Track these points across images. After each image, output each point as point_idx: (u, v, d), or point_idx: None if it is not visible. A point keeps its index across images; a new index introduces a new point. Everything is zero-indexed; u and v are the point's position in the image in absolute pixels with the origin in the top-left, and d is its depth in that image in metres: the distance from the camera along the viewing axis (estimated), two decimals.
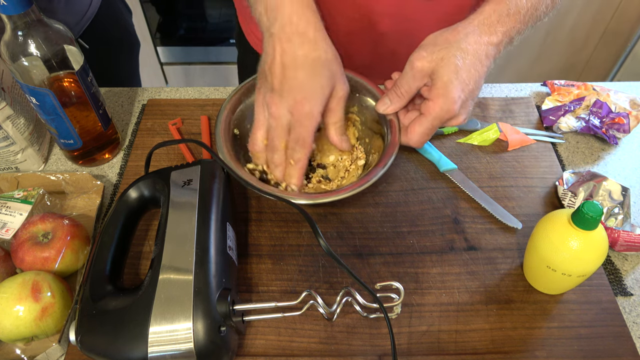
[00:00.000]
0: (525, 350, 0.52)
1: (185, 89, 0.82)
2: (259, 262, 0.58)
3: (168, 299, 0.45)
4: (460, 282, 0.57)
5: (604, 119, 0.72)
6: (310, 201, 0.54)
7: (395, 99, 0.56)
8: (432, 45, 0.53)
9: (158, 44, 1.80)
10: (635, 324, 0.55)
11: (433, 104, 0.53)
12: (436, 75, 0.52)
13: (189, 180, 0.55)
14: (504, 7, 0.53)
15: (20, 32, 0.55)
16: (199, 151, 0.70)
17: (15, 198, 0.60)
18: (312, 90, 0.52)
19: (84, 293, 0.48)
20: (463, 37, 0.52)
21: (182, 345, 0.44)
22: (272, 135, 0.55)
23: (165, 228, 0.51)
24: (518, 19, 0.54)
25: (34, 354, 0.50)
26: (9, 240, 0.56)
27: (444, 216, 0.63)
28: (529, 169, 0.68)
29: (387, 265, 0.58)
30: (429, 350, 0.51)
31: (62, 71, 0.59)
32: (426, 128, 0.54)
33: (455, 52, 0.52)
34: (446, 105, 0.52)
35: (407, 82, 0.54)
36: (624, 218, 0.60)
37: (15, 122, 0.64)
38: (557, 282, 0.52)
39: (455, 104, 0.52)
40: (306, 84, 0.51)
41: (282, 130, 0.54)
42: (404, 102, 0.56)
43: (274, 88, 0.52)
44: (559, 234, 0.49)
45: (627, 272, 0.59)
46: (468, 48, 0.52)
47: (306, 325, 0.53)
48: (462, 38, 0.52)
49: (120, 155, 0.72)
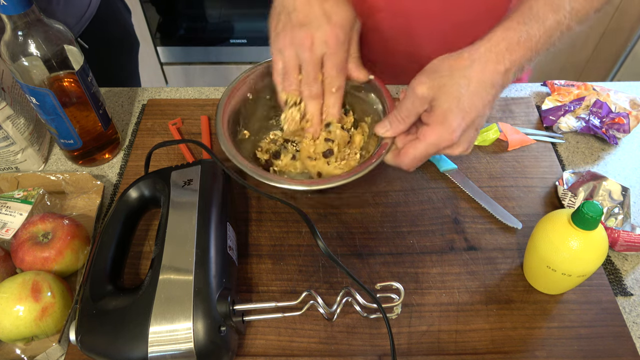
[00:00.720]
0: (525, 350, 0.52)
1: (185, 89, 0.82)
2: (259, 262, 0.59)
3: (168, 299, 0.45)
4: (460, 282, 0.57)
5: (604, 119, 0.72)
6: (311, 187, 0.55)
7: (395, 123, 0.55)
8: (434, 71, 0.51)
9: (158, 44, 1.80)
10: (635, 324, 0.55)
11: (430, 131, 0.51)
12: (436, 102, 0.51)
13: (189, 180, 0.55)
14: (514, 35, 0.50)
15: (20, 32, 0.55)
16: (199, 151, 0.70)
17: (15, 198, 0.60)
18: (341, 18, 0.54)
19: (84, 293, 0.48)
20: (468, 65, 0.50)
21: (182, 345, 0.44)
22: (307, 69, 0.56)
23: (165, 228, 0.51)
24: (529, 47, 0.51)
25: (34, 354, 0.50)
26: (9, 240, 0.56)
27: (444, 216, 0.63)
28: (529, 169, 0.68)
29: (387, 266, 0.58)
30: (429, 350, 0.51)
31: (62, 71, 0.59)
32: (420, 153, 0.53)
33: (457, 80, 0.50)
34: (444, 133, 0.51)
35: (407, 108, 0.53)
36: (624, 218, 0.60)
37: (15, 122, 0.64)
38: (557, 282, 0.52)
39: (453, 133, 0.51)
40: (334, 13, 0.54)
41: (318, 62, 0.55)
42: (403, 127, 0.55)
43: (301, 23, 0.54)
44: (559, 234, 0.49)
45: (627, 272, 0.59)
46: (472, 76, 0.50)
47: (306, 325, 0.53)
48: (466, 65, 0.50)
49: (120, 155, 0.72)
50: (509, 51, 0.50)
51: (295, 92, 0.58)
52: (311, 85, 0.57)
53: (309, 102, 0.58)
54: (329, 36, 0.54)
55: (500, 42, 0.50)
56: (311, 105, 0.58)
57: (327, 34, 0.54)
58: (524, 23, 0.51)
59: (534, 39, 0.51)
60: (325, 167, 0.60)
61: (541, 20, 0.51)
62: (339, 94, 0.58)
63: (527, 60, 0.51)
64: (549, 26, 0.51)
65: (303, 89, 0.58)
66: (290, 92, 0.58)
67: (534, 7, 0.51)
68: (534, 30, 0.51)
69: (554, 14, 0.51)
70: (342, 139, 0.61)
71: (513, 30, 0.51)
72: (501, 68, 0.50)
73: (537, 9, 0.51)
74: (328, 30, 0.54)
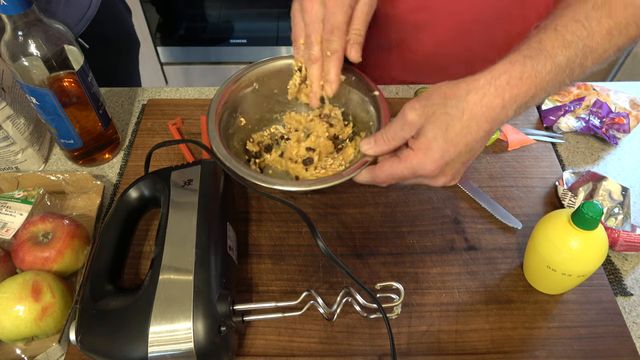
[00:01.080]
0: (525, 350, 0.52)
1: (185, 89, 0.82)
2: (259, 262, 0.59)
3: (168, 298, 0.45)
4: (460, 282, 0.57)
5: (604, 119, 0.72)
6: (312, 187, 0.54)
7: (380, 142, 0.53)
8: (428, 98, 0.49)
9: (158, 44, 1.80)
10: (635, 324, 0.55)
11: (413, 155, 0.49)
12: (423, 129, 0.49)
13: (189, 180, 0.55)
14: (517, 69, 0.47)
15: (21, 32, 0.55)
16: (199, 151, 0.70)
17: (16, 198, 0.60)
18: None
19: (84, 293, 0.48)
20: (463, 94, 0.47)
21: (182, 345, 0.44)
22: (308, 31, 0.56)
23: (165, 228, 0.51)
24: (533, 83, 0.47)
25: (34, 354, 0.50)
26: (9, 240, 0.56)
27: (444, 216, 0.63)
28: (529, 169, 0.68)
29: (387, 266, 0.58)
30: (429, 350, 0.51)
31: (62, 71, 0.59)
32: (395, 172, 0.51)
33: (449, 110, 0.47)
34: (424, 161, 0.48)
35: (395, 130, 0.51)
36: (624, 218, 0.60)
37: (15, 122, 0.64)
38: (557, 282, 0.52)
39: (434, 163, 0.48)
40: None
41: (318, 24, 0.55)
42: (387, 148, 0.53)
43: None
44: (559, 234, 0.49)
45: (627, 272, 0.59)
46: (466, 107, 0.47)
47: (306, 325, 0.53)
48: (461, 95, 0.47)
49: (120, 155, 0.72)
50: (510, 85, 0.47)
51: (300, 59, 0.59)
52: (310, 49, 0.56)
53: (308, 66, 0.58)
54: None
55: (502, 75, 0.47)
56: (310, 69, 0.58)
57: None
58: (531, 57, 0.47)
59: (540, 75, 0.47)
60: (303, 172, 0.61)
61: (550, 55, 0.47)
62: (335, 57, 0.56)
63: (530, 96, 0.48)
64: (559, 63, 0.47)
65: (303, 53, 0.58)
66: (297, 59, 0.59)
67: (543, 40, 0.48)
68: (540, 66, 0.47)
69: (565, 49, 0.47)
70: (325, 149, 0.61)
71: (517, 64, 0.47)
72: (498, 102, 0.47)
73: (546, 43, 0.48)
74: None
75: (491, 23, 0.71)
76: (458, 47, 0.75)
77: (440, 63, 0.78)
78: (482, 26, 0.71)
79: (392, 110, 0.59)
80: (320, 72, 0.58)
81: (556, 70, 0.48)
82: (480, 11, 0.69)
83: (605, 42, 0.48)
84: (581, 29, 0.48)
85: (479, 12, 0.69)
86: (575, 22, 0.48)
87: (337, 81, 0.57)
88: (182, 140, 0.61)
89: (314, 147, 0.61)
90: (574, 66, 0.48)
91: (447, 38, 0.73)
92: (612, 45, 0.49)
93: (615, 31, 0.48)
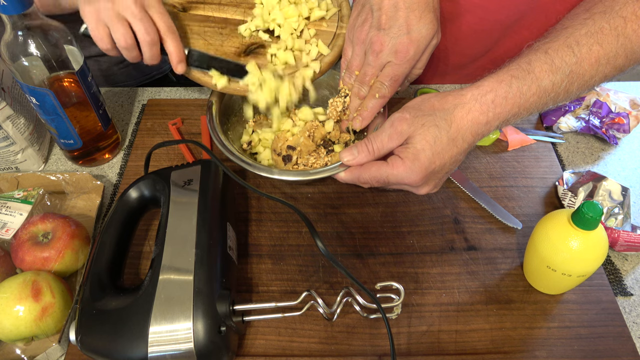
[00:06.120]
0: (525, 350, 0.52)
1: (185, 89, 0.82)
2: (259, 262, 0.58)
3: (168, 299, 0.45)
4: (460, 282, 0.57)
5: (604, 119, 0.72)
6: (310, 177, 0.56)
7: (363, 154, 0.53)
8: (417, 109, 0.50)
9: None
10: (635, 324, 0.55)
11: (400, 163, 0.50)
12: (412, 140, 0.50)
13: (189, 180, 0.55)
14: (503, 89, 0.49)
15: (20, 32, 0.55)
16: (199, 151, 0.70)
17: (15, 198, 0.60)
18: (421, 35, 0.54)
19: (84, 293, 0.48)
20: (450, 108, 0.49)
21: (182, 345, 0.44)
22: (365, 69, 0.57)
23: (165, 228, 0.51)
24: (517, 104, 0.49)
25: (34, 354, 0.50)
26: (9, 240, 0.56)
27: (444, 216, 0.63)
28: (529, 169, 0.68)
29: (387, 266, 0.58)
30: (429, 350, 0.51)
31: (62, 71, 0.59)
32: (380, 176, 0.51)
33: (437, 122, 0.49)
34: (410, 171, 0.50)
35: (381, 140, 0.51)
36: (624, 218, 0.60)
37: (15, 122, 0.64)
38: (557, 282, 0.52)
39: (420, 174, 0.49)
40: (415, 26, 0.53)
41: (379, 68, 0.56)
42: (371, 158, 0.53)
43: (380, 25, 0.54)
44: (559, 234, 0.49)
45: (627, 272, 0.59)
46: (452, 120, 0.49)
47: (306, 325, 0.53)
48: (448, 108, 0.49)
49: (120, 155, 0.72)
50: (495, 104, 0.49)
51: (349, 85, 0.60)
52: (362, 85, 0.58)
53: (353, 98, 0.60)
54: (401, 49, 0.54)
55: (488, 92, 0.49)
56: (354, 102, 0.60)
57: (400, 46, 0.54)
58: (517, 78, 0.49)
59: (525, 97, 0.49)
60: (281, 166, 0.62)
61: (537, 78, 0.49)
62: (380, 101, 0.58)
63: (513, 115, 0.50)
64: (544, 87, 0.49)
65: (354, 85, 0.59)
66: (346, 83, 0.60)
67: (532, 62, 0.50)
68: (525, 88, 0.49)
69: (552, 74, 0.49)
70: (306, 148, 0.61)
71: (504, 84, 0.49)
72: (483, 119, 0.49)
73: (534, 66, 0.49)
74: (403, 43, 0.54)
75: (512, 25, 0.70)
76: (476, 46, 0.75)
77: (454, 61, 0.78)
78: (503, 28, 0.71)
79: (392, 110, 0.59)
80: (359, 105, 0.59)
81: (540, 93, 0.50)
82: (506, 5, 0.68)
83: (592, 70, 0.50)
84: (570, 55, 0.49)
85: (504, 6, 0.68)
86: (566, 47, 0.50)
87: (369, 120, 0.59)
88: (182, 140, 0.61)
89: (295, 146, 0.62)
90: (559, 91, 0.50)
91: (466, 34, 0.73)
92: (599, 73, 0.50)
93: (603, 60, 0.50)
